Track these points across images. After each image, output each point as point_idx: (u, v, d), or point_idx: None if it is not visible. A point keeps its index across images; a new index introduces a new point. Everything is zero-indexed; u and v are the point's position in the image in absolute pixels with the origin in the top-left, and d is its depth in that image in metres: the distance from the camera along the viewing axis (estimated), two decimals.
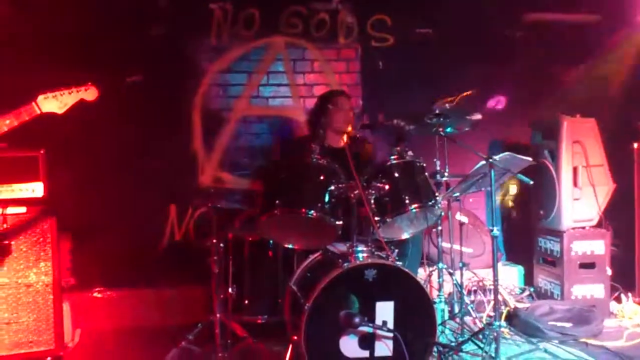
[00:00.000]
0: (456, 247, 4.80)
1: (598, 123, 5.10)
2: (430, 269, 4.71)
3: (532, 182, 4.33)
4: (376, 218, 3.73)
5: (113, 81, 4.97)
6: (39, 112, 3.45)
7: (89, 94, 3.53)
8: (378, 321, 3.50)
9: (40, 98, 3.45)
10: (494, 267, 4.03)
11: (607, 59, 5.67)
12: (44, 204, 3.99)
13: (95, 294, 4.89)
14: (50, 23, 4.89)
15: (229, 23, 5.39)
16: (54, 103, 3.46)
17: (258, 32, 5.43)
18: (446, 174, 4.52)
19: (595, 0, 5.70)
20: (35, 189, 3.99)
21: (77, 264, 4.69)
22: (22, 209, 3.93)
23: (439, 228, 4.52)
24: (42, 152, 4.02)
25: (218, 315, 4.02)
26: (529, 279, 5.53)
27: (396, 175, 3.81)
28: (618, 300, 5.05)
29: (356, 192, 3.67)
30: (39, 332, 3.93)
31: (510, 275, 5.55)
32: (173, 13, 5.23)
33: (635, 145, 5.17)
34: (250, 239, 4.31)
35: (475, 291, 5.09)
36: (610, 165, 5.08)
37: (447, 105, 4.40)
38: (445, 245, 4.73)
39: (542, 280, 5.31)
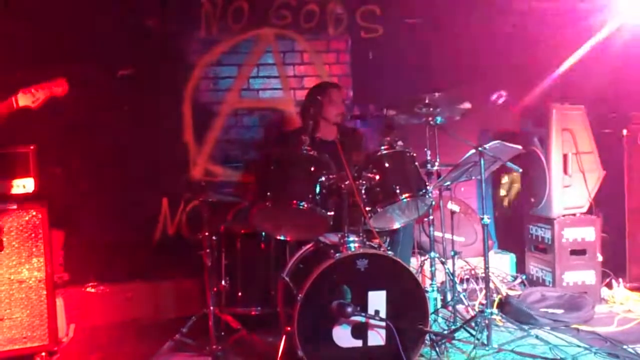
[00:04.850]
0: (448, 236, 4.81)
1: (587, 110, 5.12)
2: (423, 258, 4.73)
3: (521, 170, 4.36)
4: (367, 208, 3.75)
5: (104, 75, 4.99)
6: (15, 106, 3.65)
7: (59, 88, 3.71)
8: (370, 311, 3.52)
9: (20, 94, 3.66)
10: (485, 255, 4.06)
11: (594, 46, 5.71)
12: (35, 199, 3.99)
13: (89, 289, 4.88)
14: (39, 16, 4.87)
15: (218, 15, 5.35)
16: (29, 98, 3.67)
17: (247, 24, 5.40)
18: (437, 163, 4.52)
19: None
20: (26, 185, 4.01)
21: (70, 259, 4.68)
22: (13, 205, 3.91)
23: (431, 217, 4.52)
24: (32, 148, 4.02)
25: (211, 307, 4.02)
26: (520, 267, 5.56)
27: (387, 165, 3.83)
28: (609, 286, 5.08)
29: (347, 182, 3.69)
30: (32, 327, 3.93)
31: (502, 263, 5.59)
32: (162, 6, 5.20)
33: (625, 132, 5.19)
34: (242, 231, 4.31)
35: (467, 279, 5.13)
36: (600, 152, 5.10)
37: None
38: (437, 234, 4.75)
39: (534, 267, 5.35)
